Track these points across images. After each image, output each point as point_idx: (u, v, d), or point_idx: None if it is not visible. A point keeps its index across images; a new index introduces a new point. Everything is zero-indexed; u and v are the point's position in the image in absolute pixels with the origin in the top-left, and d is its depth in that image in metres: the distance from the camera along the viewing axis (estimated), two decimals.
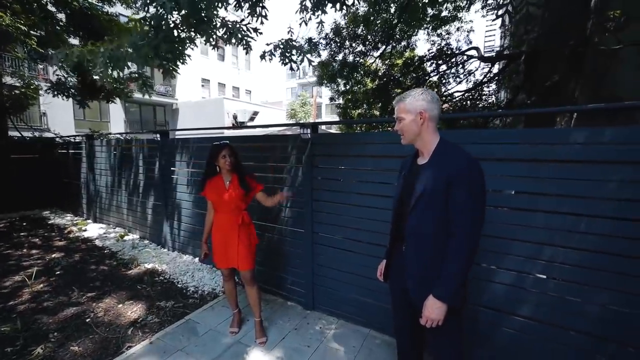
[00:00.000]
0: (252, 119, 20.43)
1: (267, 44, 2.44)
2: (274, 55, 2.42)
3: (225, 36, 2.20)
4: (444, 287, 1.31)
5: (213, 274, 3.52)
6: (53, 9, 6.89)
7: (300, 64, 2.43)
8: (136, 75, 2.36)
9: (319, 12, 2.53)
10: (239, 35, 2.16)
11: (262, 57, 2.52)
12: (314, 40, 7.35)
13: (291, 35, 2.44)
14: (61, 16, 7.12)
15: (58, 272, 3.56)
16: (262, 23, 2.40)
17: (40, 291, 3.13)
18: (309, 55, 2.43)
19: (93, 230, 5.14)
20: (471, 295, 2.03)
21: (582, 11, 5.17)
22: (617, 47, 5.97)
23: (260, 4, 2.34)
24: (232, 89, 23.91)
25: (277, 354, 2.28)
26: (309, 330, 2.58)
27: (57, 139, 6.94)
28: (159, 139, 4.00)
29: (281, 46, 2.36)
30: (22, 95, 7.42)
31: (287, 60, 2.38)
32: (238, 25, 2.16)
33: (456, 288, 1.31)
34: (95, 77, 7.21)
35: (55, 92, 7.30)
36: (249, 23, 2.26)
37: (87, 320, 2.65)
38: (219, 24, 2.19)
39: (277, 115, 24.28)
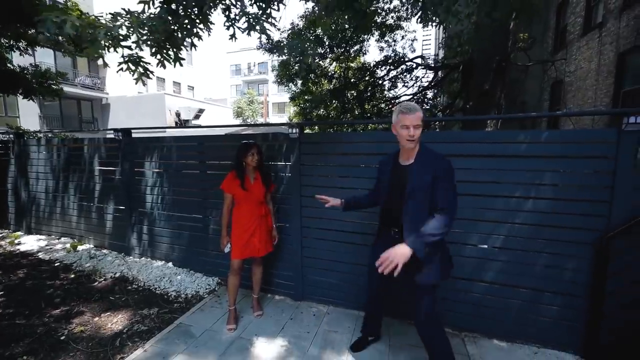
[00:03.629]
0: (197, 116, 19.27)
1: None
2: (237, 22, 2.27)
3: (245, 26, 2.16)
4: (417, 239, 1.59)
5: (192, 277, 3.42)
6: None
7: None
8: (134, 57, 2.14)
9: None
10: (259, 28, 2.14)
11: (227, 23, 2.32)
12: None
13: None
14: None
15: (1, 293, 3.07)
16: (278, 10, 2.34)
17: None
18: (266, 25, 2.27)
19: (30, 242, 4.45)
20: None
21: (505, 32, 6.23)
22: (529, 64, 7.28)
23: None
24: (172, 85, 22.18)
25: (282, 342, 2.41)
26: (304, 318, 2.75)
27: None
28: (120, 137, 3.70)
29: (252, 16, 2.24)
30: None
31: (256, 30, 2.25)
32: (258, 17, 2.13)
33: (425, 244, 1.59)
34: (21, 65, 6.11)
35: None
36: (269, 15, 2.22)
37: (62, 337, 2.40)
38: (238, 14, 2.15)
39: (222, 113, 23.27)
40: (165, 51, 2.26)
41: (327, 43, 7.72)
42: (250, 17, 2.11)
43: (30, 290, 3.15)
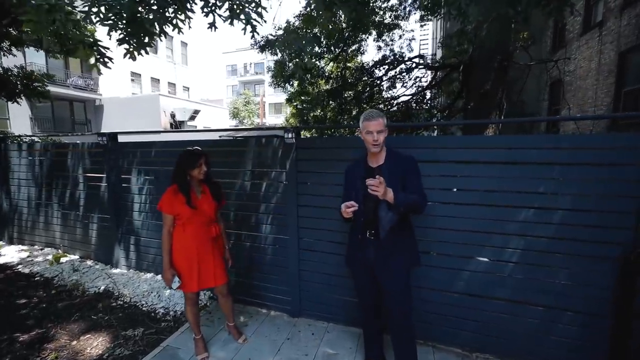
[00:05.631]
0: (192, 117, 19.01)
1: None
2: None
3: (227, 14, 1.91)
4: (401, 196, 1.69)
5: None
6: None
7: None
8: (87, 39, 1.86)
9: None
10: (243, 17, 1.89)
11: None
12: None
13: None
14: None
15: None
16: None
17: None
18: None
19: (11, 254, 4.20)
20: (448, 284, 2.26)
21: (507, 31, 6.05)
22: (531, 63, 7.10)
23: None
24: (167, 85, 21.84)
25: None
26: (302, 337, 2.54)
27: None
28: (106, 142, 3.47)
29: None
30: None
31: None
32: (243, 4, 1.87)
33: (403, 203, 1.69)
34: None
35: None
36: (258, 4, 1.94)
37: None
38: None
39: (218, 114, 23.00)
40: (134, 40, 1.99)
41: (324, 42, 7.52)
42: (233, 3, 1.86)
43: (3, 309, 2.90)
